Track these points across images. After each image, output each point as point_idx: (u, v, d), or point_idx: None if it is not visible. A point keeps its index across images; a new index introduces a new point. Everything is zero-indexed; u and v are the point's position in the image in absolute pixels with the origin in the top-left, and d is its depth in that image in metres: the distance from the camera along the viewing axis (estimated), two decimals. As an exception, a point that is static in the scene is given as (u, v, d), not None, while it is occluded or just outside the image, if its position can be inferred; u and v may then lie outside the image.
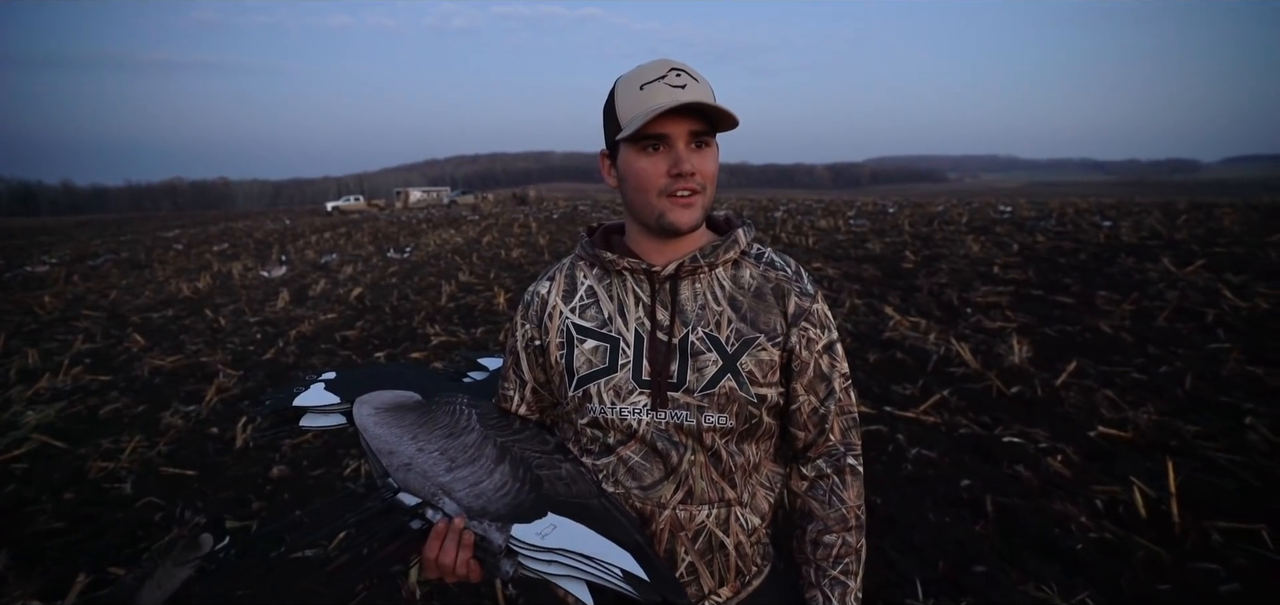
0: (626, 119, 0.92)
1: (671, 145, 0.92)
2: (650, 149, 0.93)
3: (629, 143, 0.94)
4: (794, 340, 0.99)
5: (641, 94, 0.91)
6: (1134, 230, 10.52)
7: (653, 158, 0.93)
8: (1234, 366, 4.22)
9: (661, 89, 0.90)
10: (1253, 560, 2.37)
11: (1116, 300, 6.06)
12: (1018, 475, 3.07)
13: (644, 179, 0.94)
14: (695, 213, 0.94)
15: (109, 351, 6.59)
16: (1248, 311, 5.40)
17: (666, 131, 0.91)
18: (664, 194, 0.93)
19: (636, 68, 0.95)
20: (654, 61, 0.94)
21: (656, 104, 0.89)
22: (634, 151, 0.94)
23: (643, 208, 0.96)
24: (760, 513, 1.02)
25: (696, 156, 0.93)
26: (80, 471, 3.69)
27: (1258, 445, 3.18)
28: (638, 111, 0.91)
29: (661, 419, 0.95)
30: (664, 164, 0.93)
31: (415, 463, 0.94)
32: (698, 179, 0.93)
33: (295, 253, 15.58)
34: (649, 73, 0.93)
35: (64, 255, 17.88)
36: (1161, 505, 2.69)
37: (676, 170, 0.92)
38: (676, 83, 0.91)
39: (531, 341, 1.05)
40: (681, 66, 0.93)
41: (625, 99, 0.93)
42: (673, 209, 0.93)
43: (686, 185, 0.92)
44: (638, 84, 0.92)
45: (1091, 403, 3.81)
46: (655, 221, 0.95)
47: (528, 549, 0.86)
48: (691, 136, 0.92)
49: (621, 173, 0.97)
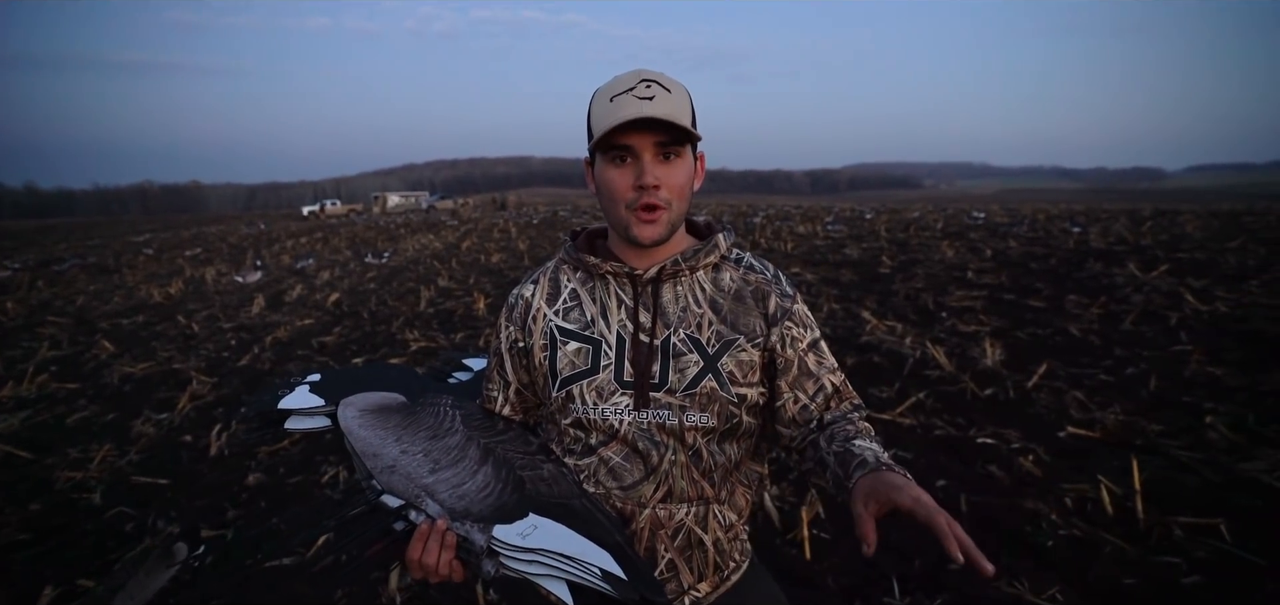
0: (597, 129, 0.94)
1: (638, 158, 0.94)
2: (618, 160, 0.95)
3: (601, 153, 0.96)
4: (774, 340, 1.01)
5: (611, 106, 0.93)
6: (1102, 236, 10.82)
7: (621, 169, 0.95)
8: (1196, 367, 4.36)
9: (629, 101, 0.92)
10: (1212, 553, 2.46)
11: (1085, 304, 6.23)
12: (991, 475, 3.14)
13: (613, 190, 0.96)
14: (658, 228, 0.96)
15: (77, 359, 6.41)
16: (1208, 314, 5.59)
17: (631, 143, 0.93)
18: (630, 207, 0.95)
19: (614, 78, 0.97)
20: (629, 72, 0.96)
21: (621, 116, 0.91)
22: (605, 162, 0.96)
23: (613, 218, 0.99)
24: (738, 509, 1.04)
25: (663, 168, 0.94)
26: (47, 482, 3.59)
27: (1217, 443, 3.30)
28: (604, 123, 0.93)
29: (644, 419, 0.97)
30: (631, 176, 0.94)
31: (399, 465, 0.94)
32: (663, 192, 0.94)
33: (270, 257, 15.31)
34: (622, 84, 0.94)
35: (28, 260, 17.34)
36: (1127, 502, 2.78)
37: (640, 182, 0.93)
38: (645, 94, 0.92)
39: (515, 343, 1.07)
40: (654, 77, 0.94)
41: (598, 109, 0.95)
42: (636, 224, 0.95)
43: (649, 199, 0.94)
44: (609, 95, 0.94)
45: (1061, 404, 3.91)
46: (623, 232, 0.98)
47: (509, 549, 0.86)
48: (658, 148, 0.94)
49: (597, 181, 0.99)
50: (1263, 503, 2.75)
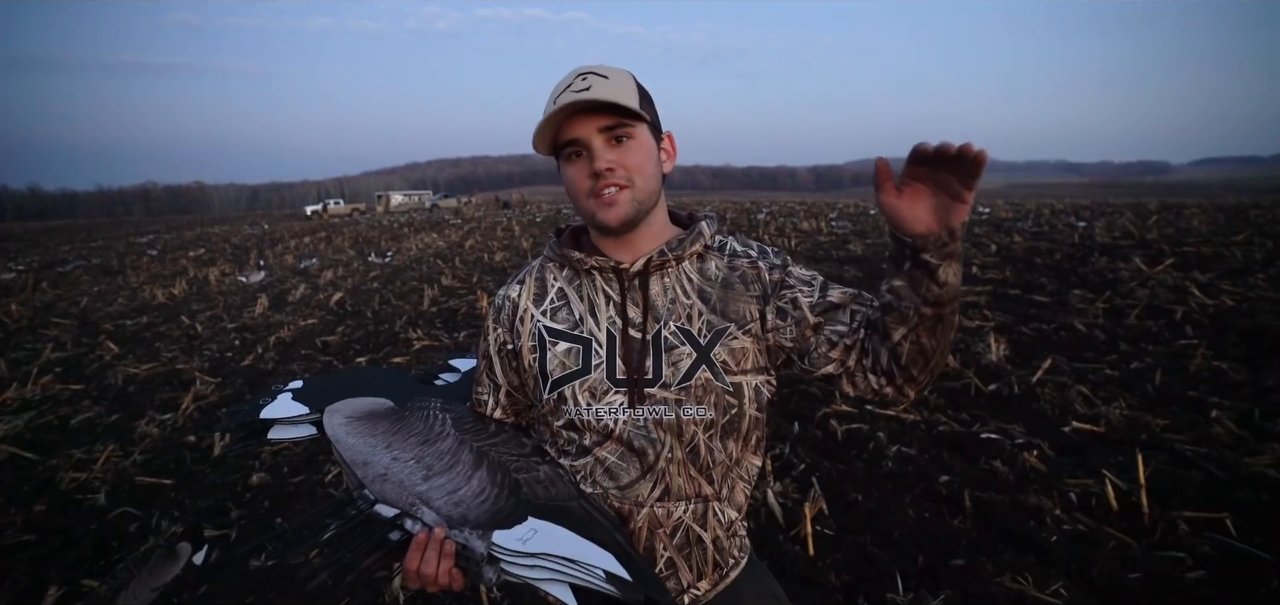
0: (540, 129, 0.94)
1: (588, 147, 0.94)
2: (572, 156, 0.96)
3: (560, 157, 0.97)
4: (773, 315, 0.99)
5: (553, 106, 0.93)
6: (1107, 230, 10.75)
7: (576, 164, 0.96)
8: (1201, 362, 4.33)
9: (567, 96, 0.92)
10: (1217, 548, 2.44)
11: (1090, 299, 6.19)
12: (995, 470, 3.13)
13: (573, 186, 0.96)
14: (622, 208, 0.95)
15: (80, 360, 6.44)
16: (1214, 308, 5.55)
17: (578, 135, 0.93)
18: (590, 196, 0.95)
19: (560, 80, 0.97)
20: (570, 72, 0.96)
21: (557, 106, 0.92)
22: (563, 163, 0.97)
23: (582, 212, 0.99)
24: (737, 506, 1.03)
25: (616, 152, 0.94)
26: (51, 482, 3.61)
27: (1222, 437, 3.28)
28: (545, 119, 0.93)
29: (640, 416, 0.96)
30: (586, 168, 0.95)
31: (391, 472, 0.93)
32: (619, 173, 0.94)
33: (274, 258, 15.35)
34: (562, 83, 0.95)
35: (31, 262, 17.42)
36: (1132, 497, 2.76)
37: (593, 170, 0.94)
38: (581, 87, 0.92)
39: (504, 345, 1.06)
40: (590, 70, 0.94)
41: (545, 111, 0.95)
42: (599, 208, 0.95)
43: (607, 182, 0.94)
44: (552, 96, 0.95)
45: (1066, 399, 3.89)
46: (592, 223, 0.98)
47: (510, 555, 0.86)
48: (607, 134, 0.94)
49: (564, 184, 0.99)
50: (1268, 497, 2.73)
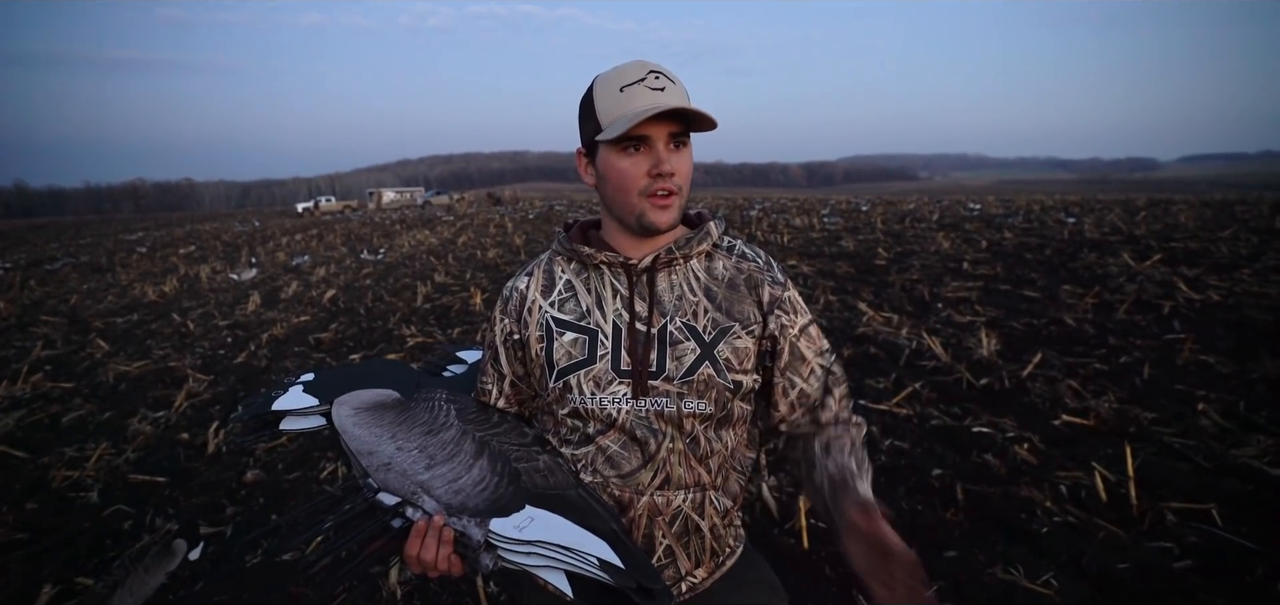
0: (607, 120, 0.95)
1: (652, 146, 0.95)
2: (631, 150, 0.95)
3: (610, 143, 0.96)
4: (772, 327, 1.03)
5: (622, 96, 0.93)
6: (1096, 226, 10.86)
7: (634, 158, 0.95)
8: (1188, 355, 4.39)
9: (642, 92, 0.93)
10: (1204, 538, 2.49)
11: (1079, 293, 6.26)
12: (986, 463, 3.17)
13: (625, 179, 0.96)
14: (672, 213, 0.98)
15: (71, 358, 6.39)
16: (1201, 303, 5.63)
17: (647, 133, 0.94)
18: (644, 194, 0.96)
19: (615, 68, 0.97)
20: (632, 63, 0.96)
21: (639, 108, 0.92)
22: (615, 152, 0.96)
23: (623, 206, 0.98)
24: (732, 495, 1.05)
25: (675, 157, 0.96)
26: (43, 481, 3.58)
27: (1209, 430, 3.33)
28: (619, 114, 0.93)
29: (643, 407, 0.98)
30: (645, 164, 0.95)
31: (395, 462, 0.95)
32: (676, 179, 0.96)
33: (265, 255, 15.26)
34: (628, 75, 0.95)
35: (19, 259, 17.24)
36: (1121, 489, 2.80)
37: (657, 170, 0.94)
38: (656, 86, 0.93)
39: (510, 336, 1.07)
40: (659, 69, 0.95)
41: (605, 100, 0.95)
42: (652, 209, 0.96)
43: (665, 185, 0.95)
44: (618, 86, 0.94)
45: (1056, 392, 3.94)
46: (635, 220, 0.98)
47: (507, 542, 0.87)
48: (670, 138, 0.95)
49: (601, 172, 0.99)
50: (1253, 488, 2.78)
